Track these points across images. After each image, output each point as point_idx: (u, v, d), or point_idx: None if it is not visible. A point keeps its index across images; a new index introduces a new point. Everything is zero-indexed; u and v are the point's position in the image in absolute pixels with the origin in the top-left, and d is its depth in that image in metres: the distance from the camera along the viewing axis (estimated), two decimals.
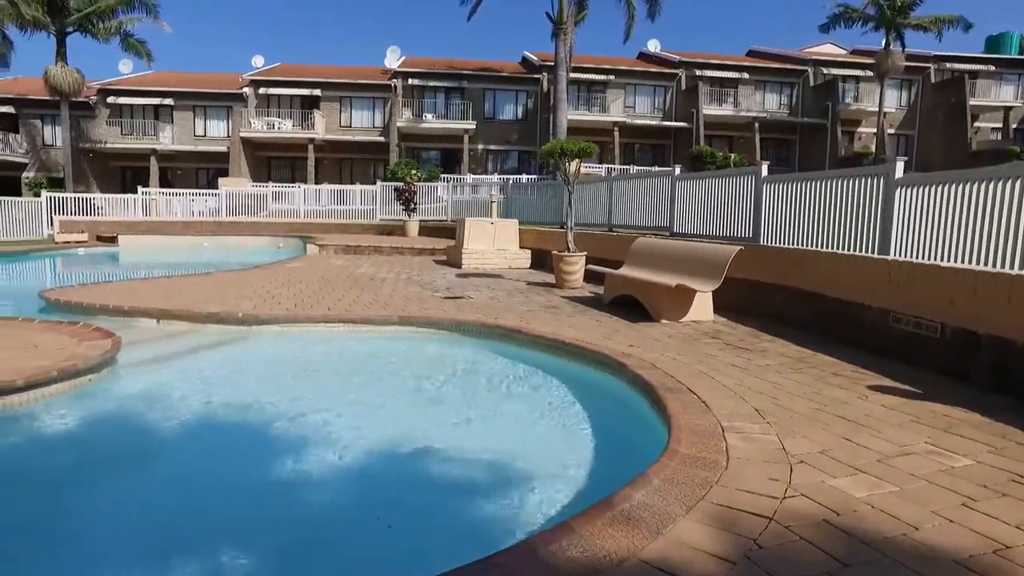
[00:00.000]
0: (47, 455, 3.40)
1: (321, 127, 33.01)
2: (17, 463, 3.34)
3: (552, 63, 26.83)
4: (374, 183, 24.07)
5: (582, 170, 9.20)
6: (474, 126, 32.48)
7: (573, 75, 28.76)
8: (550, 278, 9.47)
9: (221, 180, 28.42)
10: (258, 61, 36.03)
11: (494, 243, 11.55)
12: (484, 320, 5.88)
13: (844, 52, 38.65)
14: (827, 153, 33.03)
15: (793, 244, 6.64)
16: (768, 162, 8.99)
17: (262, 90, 34.02)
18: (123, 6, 28.75)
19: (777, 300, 6.28)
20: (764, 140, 34.29)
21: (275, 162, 34.94)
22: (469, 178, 26.22)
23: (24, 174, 32.88)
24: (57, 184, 29.49)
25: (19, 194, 29.61)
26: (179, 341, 5.64)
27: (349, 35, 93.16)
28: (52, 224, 19.76)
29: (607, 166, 28.46)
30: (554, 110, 26.09)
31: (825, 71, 35.44)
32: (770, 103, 36.03)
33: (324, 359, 5.48)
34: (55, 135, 32.95)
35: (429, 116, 33.12)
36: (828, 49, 38.21)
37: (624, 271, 7.14)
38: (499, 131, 33.96)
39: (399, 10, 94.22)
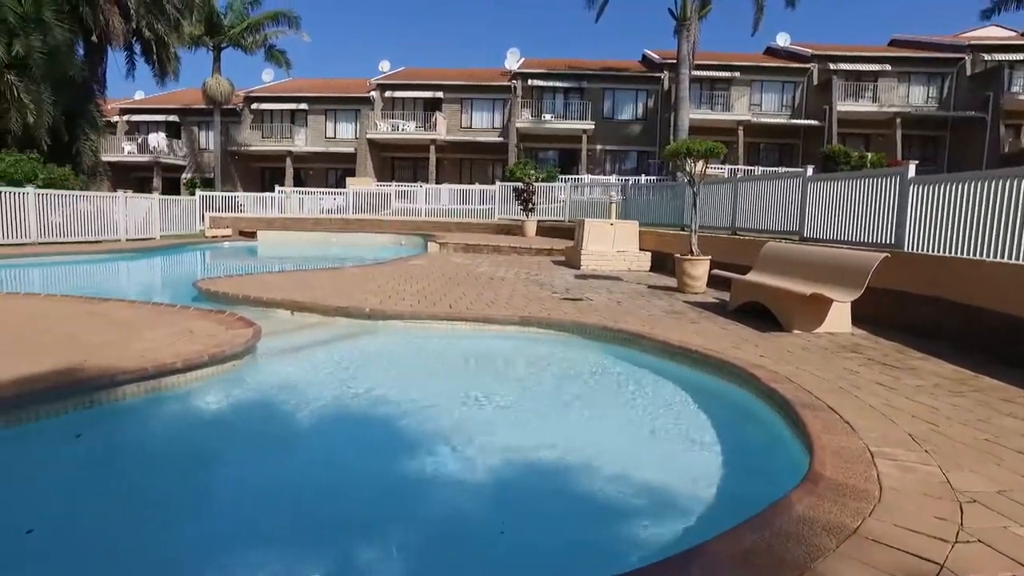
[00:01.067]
0: (197, 432, 3.69)
1: (443, 128, 34.04)
2: (172, 437, 3.64)
3: (674, 60, 26.10)
4: (493, 183, 24.49)
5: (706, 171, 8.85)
6: (592, 126, 32.25)
7: (696, 73, 27.80)
8: (671, 282, 9.19)
9: (348, 180, 30.05)
10: (385, 66, 37.73)
11: (613, 245, 11.38)
12: (606, 323, 5.78)
13: (1013, 34, 33.92)
14: (985, 150, 29.75)
15: (945, 251, 6.00)
16: (915, 161, 8.22)
17: (388, 93, 35.59)
18: (269, 21, 31.03)
19: (926, 313, 5.72)
20: (907, 137, 31.44)
21: (398, 162, 36.45)
22: (587, 178, 26.08)
23: (183, 175, 36.39)
24: (208, 184, 32.41)
25: (179, 193, 32.86)
26: (311, 332, 5.97)
27: (471, 38, 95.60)
28: (203, 220, 21.70)
29: (730, 167, 27.30)
30: (675, 109, 25.38)
31: (987, 57, 31.83)
32: (915, 96, 33.05)
33: (446, 356, 5.61)
34: (208, 139, 36.17)
35: (548, 116, 33.26)
36: (992, 33, 33.92)
37: (752, 276, 6.78)
38: (618, 131, 33.52)
39: (519, 13, 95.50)
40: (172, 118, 37.68)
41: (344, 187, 28.13)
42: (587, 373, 5.15)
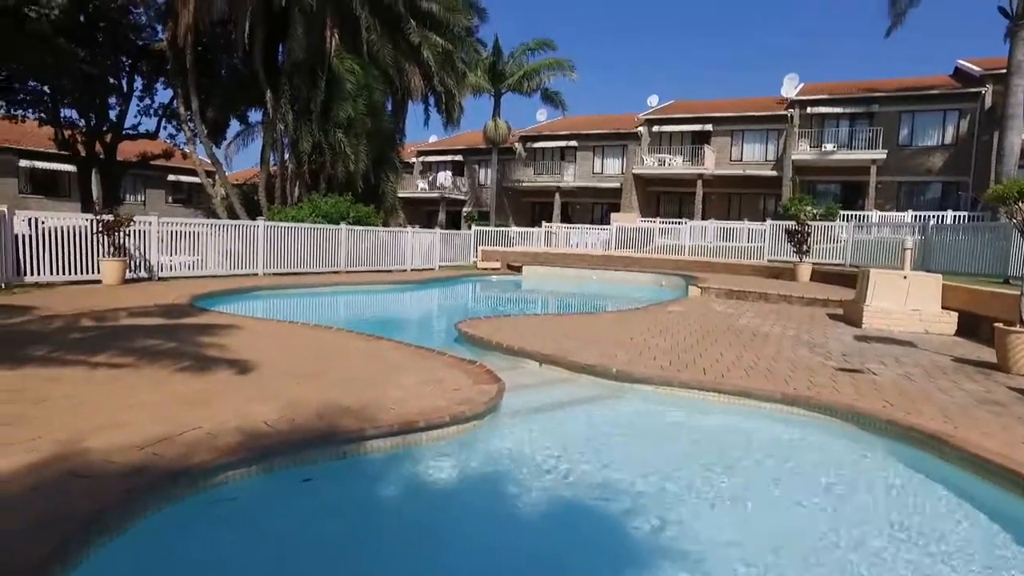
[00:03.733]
0: (422, 497, 3.77)
1: (711, 162, 32.88)
2: (398, 498, 3.77)
3: (1002, 70, 21.80)
4: (763, 220, 22.86)
5: None
6: (884, 155, 28.38)
7: None
8: (987, 354, 7.44)
9: (613, 215, 30.53)
10: (653, 100, 37.78)
11: (906, 301, 9.66)
12: (893, 415, 4.76)
13: None
14: None
15: None
16: None
17: (655, 128, 35.53)
18: (546, 67, 33.21)
19: None
20: None
21: (664, 197, 36.07)
22: (874, 215, 22.94)
23: (464, 209, 40.49)
24: (485, 217, 35.51)
25: (459, 224, 36.63)
26: (555, 390, 5.94)
27: (745, 67, 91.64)
28: (476, 253, 23.72)
29: None
30: (1001, 129, 21.10)
31: None
32: None
33: (692, 435, 5.13)
34: (487, 176, 39.73)
35: (829, 146, 30.15)
36: None
37: None
38: (916, 159, 29.03)
39: (797, 38, 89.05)
40: (457, 158, 42.33)
41: (608, 222, 28.64)
42: (863, 484, 4.17)
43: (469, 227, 25.01)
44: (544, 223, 28.95)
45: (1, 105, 21.43)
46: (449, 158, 42.82)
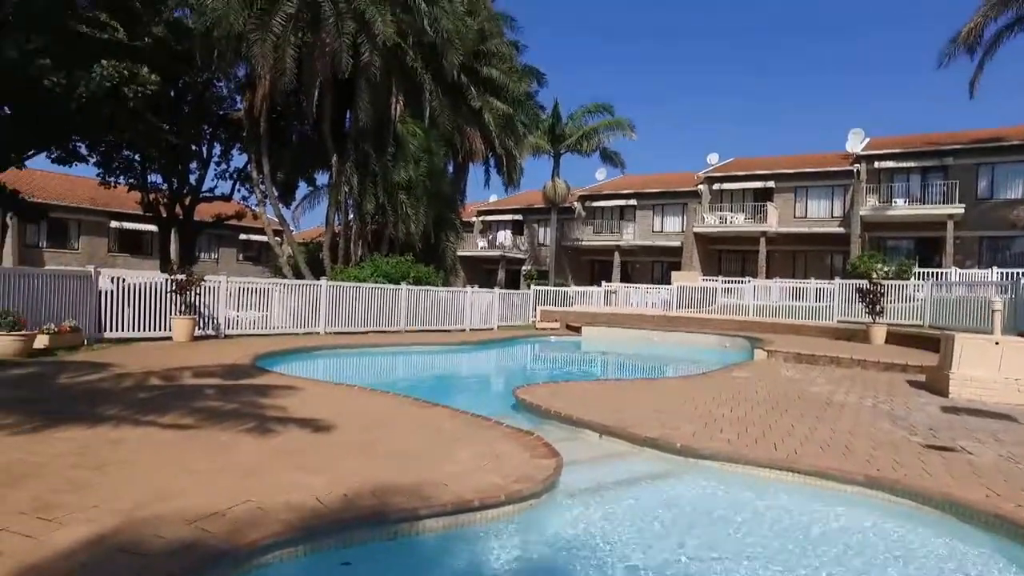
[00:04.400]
0: None
1: (774, 219, 32.18)
2: None
3: None
4: (831, 279, 22.01)
5: None
6: (962, 210, 27.11)
7: None
8: None
9: (673, 274, 30.04)
10: (713, 158, 37.56)
11: (1000, 369, 8.93)
12: (1000, 508, 4.24)
13: None
14: None
15: None
16: None
17: (716, 186, 35.19)
18: (604, 128, 33.67)
19: None
20: None
21: (725, 255, 35.38)
22: (954, 273, 21.74)
23: (523, 267, 40.72)
24: (544, 276, 35.58)
25: (519, 282, 36.79)
26: (615, 465, 5.65)
27: (806, 123, 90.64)
28: (535, 312, 23.61)
29: None
30: None
31: None
32: None
33: (764, 519, 4.72)
34: (546, 235, 39.99)
35: (900, 202, 29.10)
36: None
37: None
38: (998, 213, 27.57)
39: (863, 90, 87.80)
40: (517, 217, 42.86)
41: (669, 281, 28.19)
42: None
43: (528, 286, 25.08)
44: (603, 282, 28.72)
45: (100, 173, 23.12)
46: (509, 217, 43.43)
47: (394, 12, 18.90)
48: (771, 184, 33.41)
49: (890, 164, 29.79)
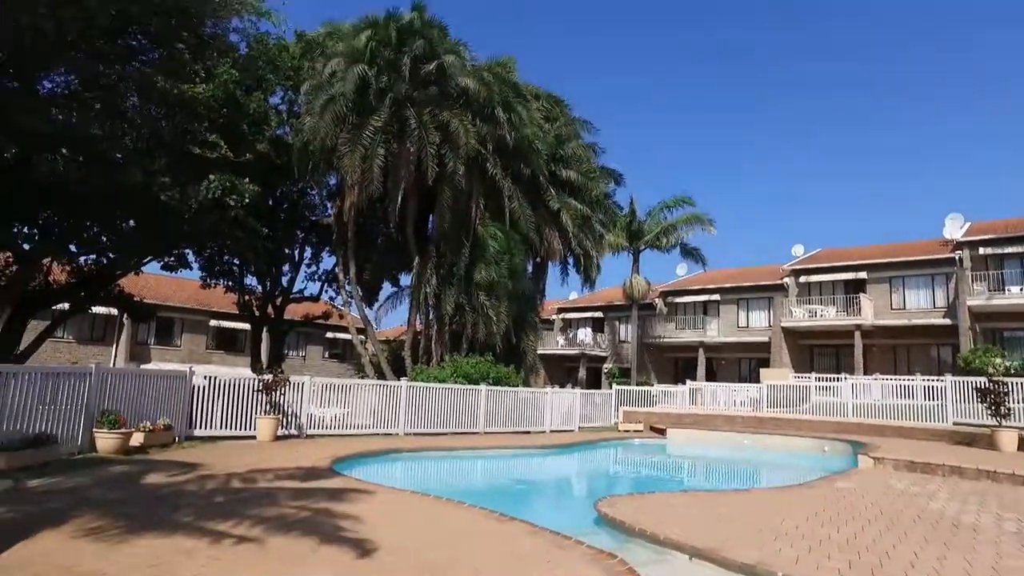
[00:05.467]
0: None
1: (868, 311, 30.45)
2: None
3: None
4: (940, 374, 20.26)
5: None
6: None
7: None
8: None
9: (762, 371, 28.61)
10: (798, 250, 36.43)
11: None
12: None
13: None
14: None
15: None
16: None
17: (803, 278, 33.92)
18: (683, 223, 33.57)
19: None
20: None
21: (817, 351, 33.52)
22: None
23: (604, 365, 39.94)
24: (626, 373, 34.68)
25: (600, 380, 36.02)
26: None
27: (898, 210, 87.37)
28: (617, 413, 22.80)
29: None
30: None
31: None
32: None
33: None
34: (627, 332, 39.32)
35: (1015, 289, 26.98)
36: None
37: None
38: None
39: (959, 174, 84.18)
40: (597, 314, 42.54)
41: (757, 379, 26.82)
42: None
43: (610, 385, 24.45)
44: (688, 381, 27.64)
45: (203, 276, 24.90)
46: (589, 315, 43.17)
47: (475, 122, 19.90)
48: (863, 275, 31.87)
49: (997, 249, 27.91)
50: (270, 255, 23.64)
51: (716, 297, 37.23)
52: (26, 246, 17.35)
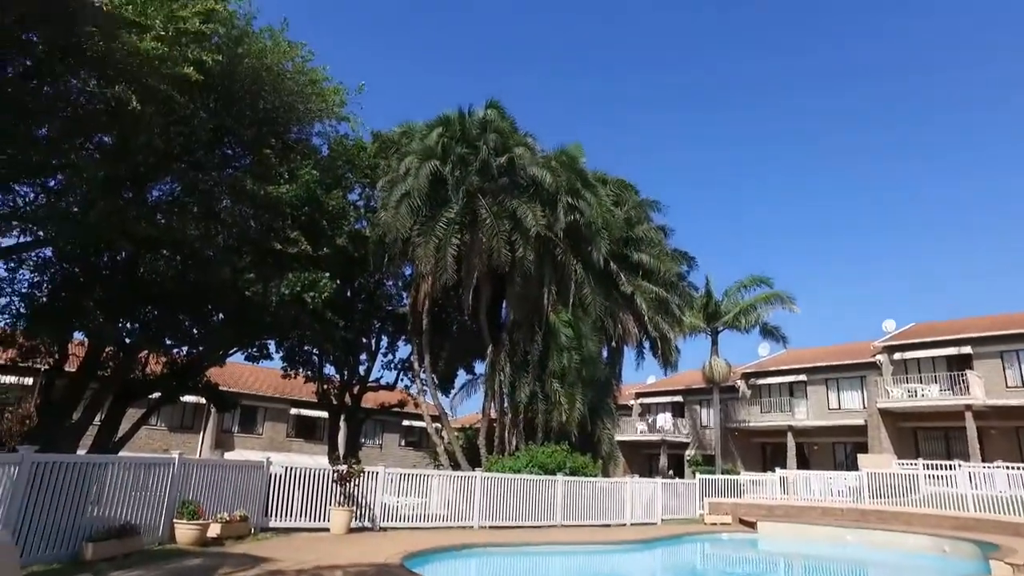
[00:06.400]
0: None
1: (978, 390, 27.97)
2: None
3: None
4: None
5: None
6: None
7: None
8: None
9: (860, 457, 26.49)
10: (889, 325, 34.37)
11: None
12: None
13: None
14: None
15: None
16: None
17: (897, 355, 31.79)
18: (763, 302, 32.51)
19: None
20: None
21: (922, 434, 30.87)
22: None
23: (686, 452, 38.10)
24: (709, 460, 32.90)
25: (682, 467, 34.28)
26: None
27: (1001, 280, 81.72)
28: (702, 503, 21.42)
29: None
30: None
31: None
32: None
33: None
34: (709, 417, 37.60)
35: None
36: None
37: None
38: None
39: None
40: (676, 398, 41.03)
41: (854, 465, 24.80)
42: None
43: (693, 473, 23.14)
44: (777, 468, 25.83)
45: (284, 366, 25.77)
46: (668, 399, 41.67)
47: (544, 209, 20.24)
48: (967, 349, 29.51)
49: None
50: (348, 345, 24.24)
51: (802, 378, 35.28)
52: (127, 339, 18.54)
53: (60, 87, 13.44)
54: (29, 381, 25.85)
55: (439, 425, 24.68)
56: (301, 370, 26.30)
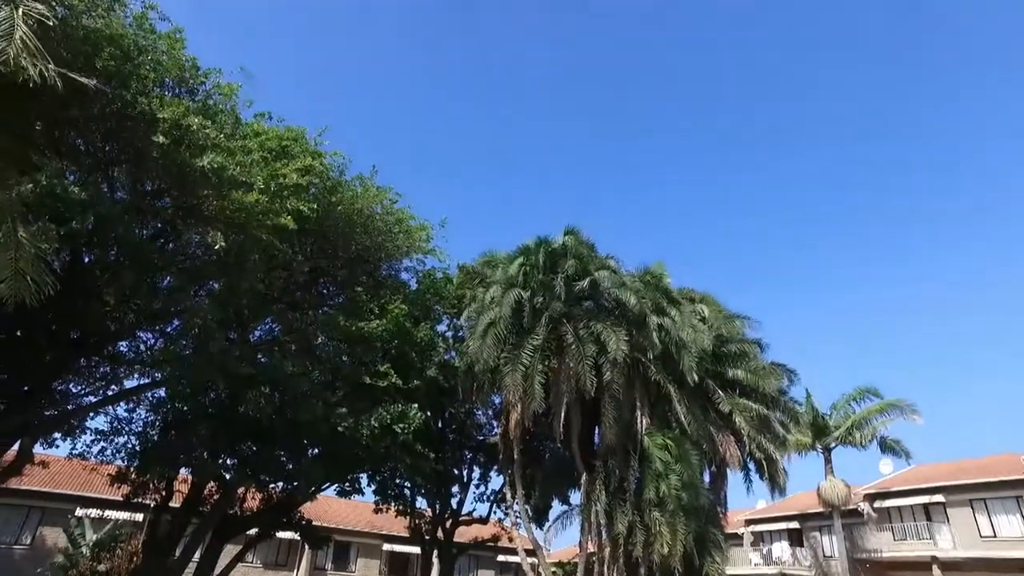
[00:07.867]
0: None
1: None
2: None
3: None
4: None
5: None
6: None
7: None
8: None
9: None
10: None
11: None
12: None
13: None
14: None
15: None
16: None
17: None
18: (877, 413, 29.93)
19: None
20: None
21: None
22: None
23: None
24: None
25: None
26: None
27: None
28: None
29: None
30: None
31: None
32: None
33: None
34: (831, 545, 33.81)
35: None
36: None
37: None
38: None
39: None
40: (792, 524, 37.33)
41: None
42: None
43: None
44: None
45: (376, 500, 25.55)
46: (783, 525, 37.95)
47: (630, 331, 19.85)
48: None
49: None
50: (439, 476, 23.90)
51: (939, 498, 31.20)
52: (227, 475, 19.07)
53: (180, 242, 14.84)
54: (139, 517, 26.84)
55: (535, 560, 23.35)
56: (393, 503, 25.96)
